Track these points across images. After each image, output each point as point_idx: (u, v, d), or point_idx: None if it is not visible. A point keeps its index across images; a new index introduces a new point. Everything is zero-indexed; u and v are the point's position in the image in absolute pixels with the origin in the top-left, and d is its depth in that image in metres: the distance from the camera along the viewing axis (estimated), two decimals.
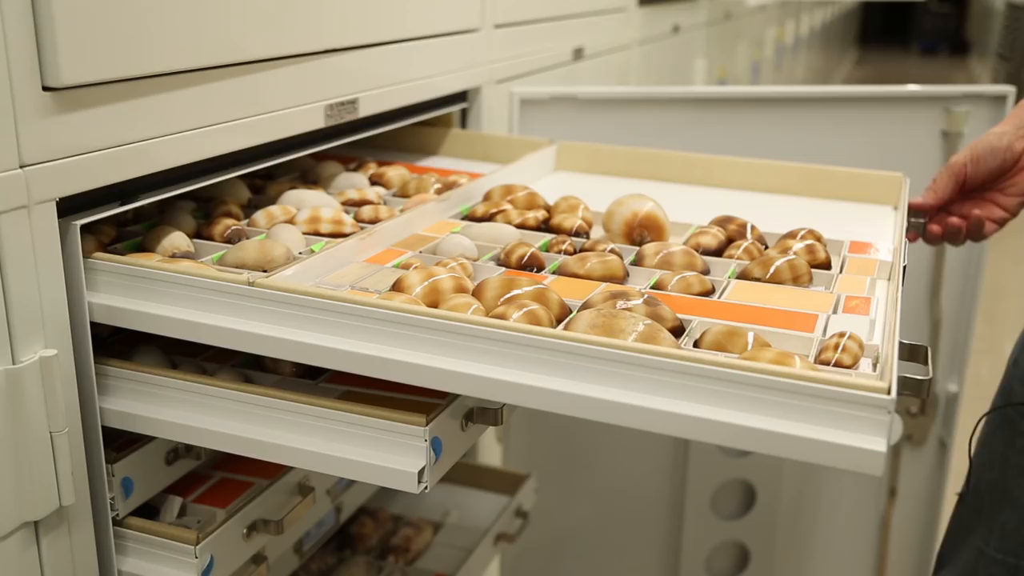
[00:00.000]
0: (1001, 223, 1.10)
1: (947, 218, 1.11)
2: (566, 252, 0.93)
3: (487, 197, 1.07)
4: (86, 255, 0.77)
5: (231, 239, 0.91)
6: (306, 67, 0.95)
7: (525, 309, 0.73)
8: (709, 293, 0.84)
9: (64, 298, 0.73)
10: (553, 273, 0.88)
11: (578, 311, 0.76)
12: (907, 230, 1.07)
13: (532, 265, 0.89)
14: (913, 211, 1.12)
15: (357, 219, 0.99)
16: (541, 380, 0.67)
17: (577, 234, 0.99)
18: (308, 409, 0.75)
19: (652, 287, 0.85)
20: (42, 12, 0.67)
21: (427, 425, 0.71)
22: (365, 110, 1.06)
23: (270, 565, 0.92)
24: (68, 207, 0.73)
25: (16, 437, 0.70)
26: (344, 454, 0.74)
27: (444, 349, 0.70)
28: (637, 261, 0.92)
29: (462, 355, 0.69)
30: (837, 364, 0.69)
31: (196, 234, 0.93)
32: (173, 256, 0.85)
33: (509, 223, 1.00)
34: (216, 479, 0.92)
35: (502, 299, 0.77)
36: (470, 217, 1.03)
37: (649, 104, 1.46)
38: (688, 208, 1.06)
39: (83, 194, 0.73)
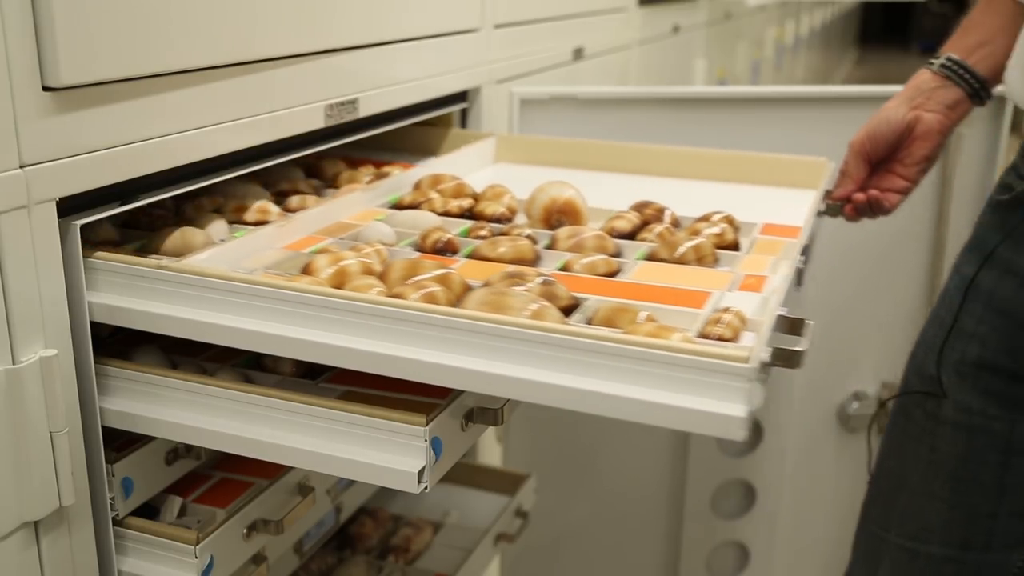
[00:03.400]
0: (905, 192, 1.14)
1: (855, 194, 1.15)
2: (483, 238, 0.95)
3: (416, 187, 1.09)
4: (86, 255, 0.77)
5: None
6: (306, 67, 0.95)
7: (424, 290, 0.75)
8: (615, 274, 0.87)
9: (64, 298, 0.73)
10: (467, 257, 0.90)
11: (474, 291, 0.78)
12: (825, 212, 1.12)
13: (446, 250, 0.91)
14: (836, 200, 1.16)
15: (286, 209, 1.00)
16: (423, 354, 0.69)
17: (498, 220, 1.01)
18: (308, 409, 0.75)
19: (560, 269, 0.88)
20: (42, 12, 0.67)
21: (427, 425, 0.71)
22: (365, 110, 1.06)
23: (270, 565, 0.92)
24: (68, 207, 0.73)
25: (16, 437, 0.70)
26: (344, 454, 0.74)
27: (333, 326, 0.72)
28: (551, 245, 0.94)
29: (350, 331, 0.71)
30: (718, 338, 0.71)
31: None
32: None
33: (434, 211, 1.02)
34: (216, 479, 0.92)
35: (406, 281, 0.79)
36: (397, 206, 1.05)
37: (649, 104, 1.46)
38: (621, 196, 1.07)
39: (83, 194, 0.73)
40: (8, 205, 0.67)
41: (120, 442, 0.82)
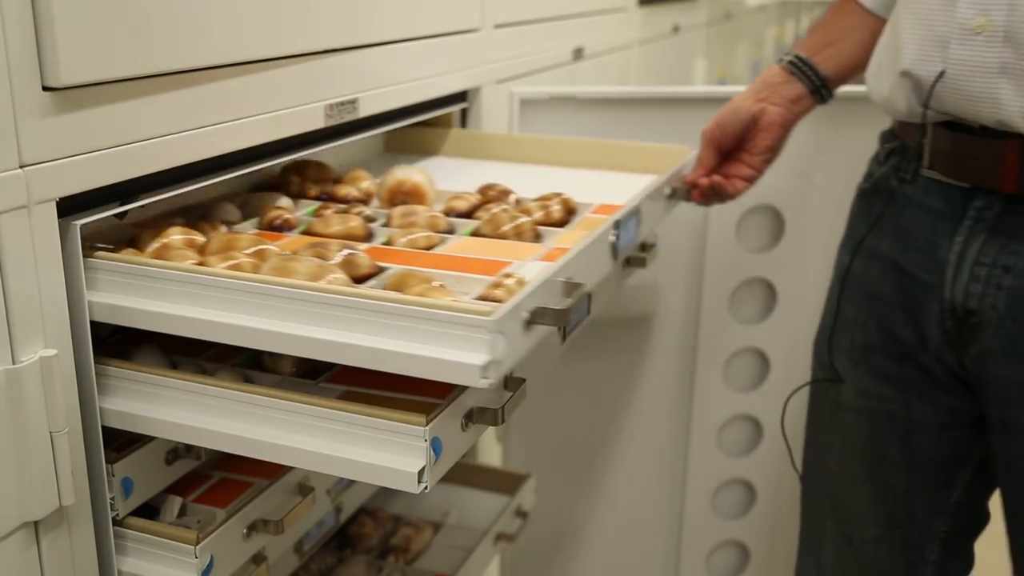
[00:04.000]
0: (750, 180, 1.18)
1: (700, 179, 1.19)
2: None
3: (282, 171, 1.12)
4: (86, 255, 0.77)
5: None
6: (306, 67, 0.95)
7: (232, 261, 0.80)
8: (434, 248, 0.91)
9: (64, 298, 0.73)
10: (301, 234, 0.94)
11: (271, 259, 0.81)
12: (673, 195, 1.16)
13: (284, 227, 0.96)
14: (685, 184, 1.20)
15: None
16: (202, 313, 0.75)
17: (347, 201, 1.05)
18: (308, 409, 0.75)
19: (384, 243, 0.93)
20: (42, 12, 0.67)
21: (427, 425, 0.71)
22: (365, 110, 1.06)
23: (270, 565, 0.92)
24: (68, 207, 0.73)
25: (16, 437, 0.70)
26: (344, 454, 0.74)
27: (133, 291, 0.77)
28: (387, 223, 0.98)
29: (147, 295, 0.77)
30: (494, 300, 0.75)
31: None
32: None
33: (290, 194, 1.06)
34: (216, 479, 0.92)
35: (220, 254, 0.82)
36: (259, 188, 1.08)
37: (649, 104, 1.46)
38: (485, 182, 1.10)
39: (83, 194, 0.73)
40: (8, 205, 0.67)
41: (120, 442, 0.82)
